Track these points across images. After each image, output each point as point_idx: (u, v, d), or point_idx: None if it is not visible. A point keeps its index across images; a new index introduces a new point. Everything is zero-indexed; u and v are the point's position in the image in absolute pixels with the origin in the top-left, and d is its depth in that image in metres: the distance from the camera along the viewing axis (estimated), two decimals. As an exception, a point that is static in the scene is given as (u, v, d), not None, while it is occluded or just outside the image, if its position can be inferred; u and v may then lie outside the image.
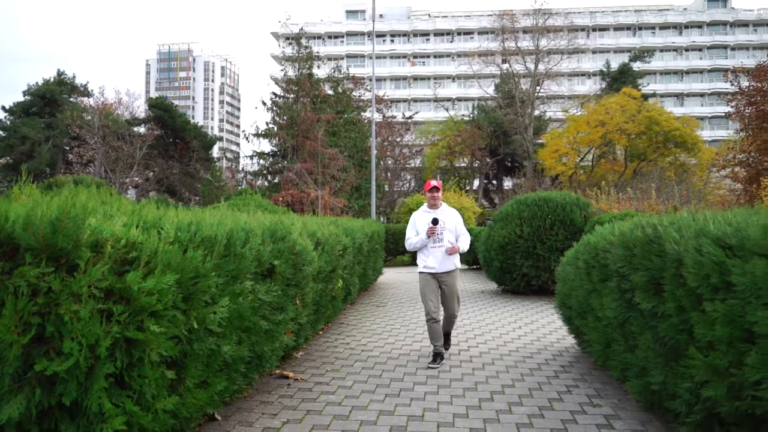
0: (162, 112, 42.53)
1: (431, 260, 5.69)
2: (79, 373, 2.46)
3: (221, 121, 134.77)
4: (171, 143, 44.02)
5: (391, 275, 15.28)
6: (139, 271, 2.69)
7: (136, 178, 39.86)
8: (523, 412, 4.19)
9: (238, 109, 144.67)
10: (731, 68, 37.83)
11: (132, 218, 3.12)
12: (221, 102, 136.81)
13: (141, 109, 48.19)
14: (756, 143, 25.82)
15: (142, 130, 42.18)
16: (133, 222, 3.06)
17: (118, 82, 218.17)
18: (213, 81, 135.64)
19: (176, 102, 52.30)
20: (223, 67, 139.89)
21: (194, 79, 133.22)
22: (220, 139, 58.60)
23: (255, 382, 4.68)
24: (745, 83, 27.61)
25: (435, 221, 5.57)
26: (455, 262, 5.78)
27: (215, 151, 53.64)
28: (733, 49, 66.80)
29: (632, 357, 3.89)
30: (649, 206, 11.36)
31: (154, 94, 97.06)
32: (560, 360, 5.78)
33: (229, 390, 3.66)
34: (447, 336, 6.03)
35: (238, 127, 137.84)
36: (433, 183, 5.78)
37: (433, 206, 5.82)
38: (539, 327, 7.66)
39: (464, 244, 5.80)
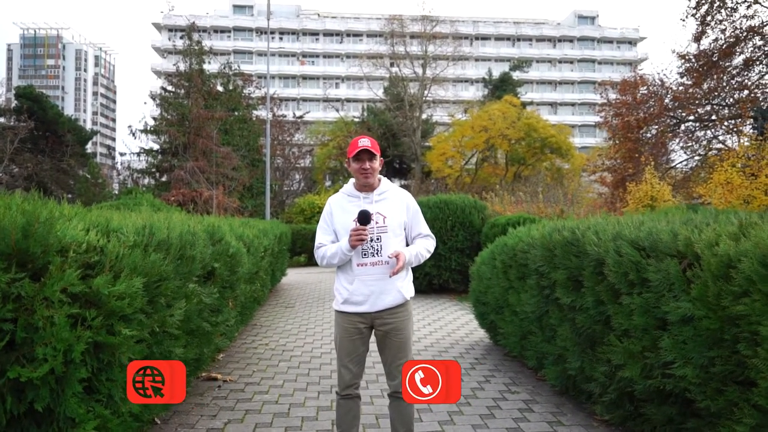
0: (31, 103, 39.32)
1: (357, 289, 3.08)
2: (51, 379, 2.45)
3: (95, 113, 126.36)
4: (41, 137, 40.78)
5: (292, 276, 15.30)
6: (106, 275, 2.69)
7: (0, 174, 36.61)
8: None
9: (114, 102, 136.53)
10: (598, 81, 41.38)
11: (86, 221, 3.09)
12: (95, 94, 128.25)
13: (2, 98, 44.23)
14: (621, 151, 28.37)
15: (3, 121, 38.77)
16: (85, 225, 3.03)
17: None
18: (85, 71, 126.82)
19: (44, 92, 48.43)
20: (97, 57, 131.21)
21: (64, 67, 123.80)
22: (96, 133, 55.04)
23: (190, 385, 4.67)
24: (612, 96, 30.26)
25: (364, 217, 2.95)
26: (402, 288, 3.15)
27: (89, 146, 50.44)
28: (600, 63, 72.74)
29: (549, 347, 4.34)
30: (538, 209, 12.29)
31: (17, 83, 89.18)
32: (474, 353, 6.22)
33: (177, 392, 3.68)
34: None
35: (114, 121, 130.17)
36: (364, 142, 3.05)
37: (366, 186, 3.15)
38: (447, 323, 8.11)
39: (421, 247, 3.22)
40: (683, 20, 25.38)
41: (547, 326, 4.36)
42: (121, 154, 28.76)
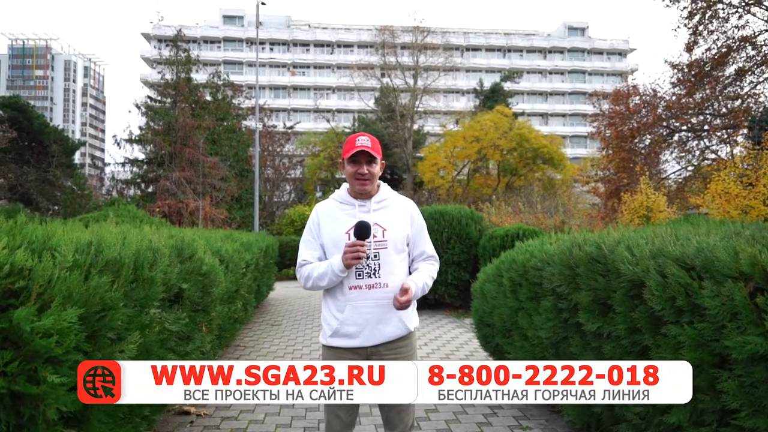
0: (16, 113, 38.56)
1: (349, 318, 2.54)
2: (-52, 444, 1.88)
3: (84, 124, 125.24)
4: (27, 147, 40.03)
5: (280, 290, 14.68)
6: (30, 305, 2.12)
7: (-19, 185, 35.81)
8: (455, 441, 3.97)
9: (103, 113, 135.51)
10: (589, 93, 41.23)
11: (13, 238, 2.52)
12: (84, 104, 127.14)
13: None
14: (615, 161, 28.05)
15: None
16: (16, 242, 2.47)
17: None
18: (75, 81, 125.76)
19: (32, 102, 47.65)
20: (86, 68, 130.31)
21: (53, 78, 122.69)
22: (84, 144, 54.14)
23: (155, 424, 4.08)
24: (605, 106, 29.99)
25: (363, 230, 2.44)
26: (405, 317, 2.60)
27: (77, 157, 49.72)
28: (590, 74, 72.79)
29: (568, 378, 3.79)
30: (536, 220, 11.78)
31: (4, 93, 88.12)
32: (476, 378, 5.66)
33: (133, 440, 3.10)
34: None
35: (103, 131, 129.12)
36: (362, 141, 2.54)
37: (362, 194, 2.63)
38: (445, 342, 7.54)
39: (426, 274, 2.67)
40: (675, 30, 25.24)
41: (565, 354, 3.81)
42: (106, 164, 28.04)
